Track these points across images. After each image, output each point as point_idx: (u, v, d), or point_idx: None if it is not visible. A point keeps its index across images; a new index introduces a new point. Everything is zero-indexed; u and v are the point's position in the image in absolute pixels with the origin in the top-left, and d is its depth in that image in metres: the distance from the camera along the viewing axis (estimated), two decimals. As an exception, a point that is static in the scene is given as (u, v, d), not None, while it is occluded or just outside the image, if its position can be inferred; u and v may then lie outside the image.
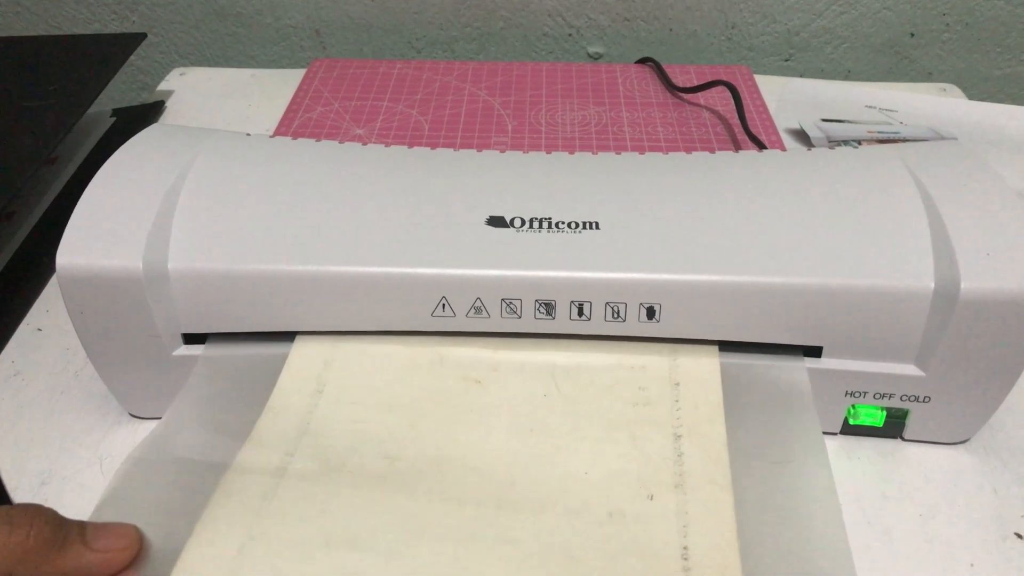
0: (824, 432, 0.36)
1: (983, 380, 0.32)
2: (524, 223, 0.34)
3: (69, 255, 0.32)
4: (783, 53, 0.73)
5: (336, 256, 0.33)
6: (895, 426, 0.35)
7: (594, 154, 0.39)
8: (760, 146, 0.53)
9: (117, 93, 0.79)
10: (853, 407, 0.35)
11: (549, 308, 0.33)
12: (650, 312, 0.32)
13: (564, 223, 0.34)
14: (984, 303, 0.30)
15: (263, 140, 0.39)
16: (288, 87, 0.63)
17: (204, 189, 0.35)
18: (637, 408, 0.32)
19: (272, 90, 0.64)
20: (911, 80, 0.74)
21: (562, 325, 0.33)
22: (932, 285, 0.31)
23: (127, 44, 0.59)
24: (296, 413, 0.32)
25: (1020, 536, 0.32)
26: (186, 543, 0.27)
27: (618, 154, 0.39)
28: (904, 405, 0.34)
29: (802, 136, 0.57)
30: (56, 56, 0.58)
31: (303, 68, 0.66)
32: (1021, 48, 0.72)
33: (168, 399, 0.35)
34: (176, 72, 0.68)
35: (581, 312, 0.33)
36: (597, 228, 0.33)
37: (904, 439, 0.36)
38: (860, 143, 0.54)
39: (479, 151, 0.39)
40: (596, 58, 0.75)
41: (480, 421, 0.32)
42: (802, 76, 0.74)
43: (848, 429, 0.36)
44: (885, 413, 0.35)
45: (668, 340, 0.33)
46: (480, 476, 0.30)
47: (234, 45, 0.76)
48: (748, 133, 0.55)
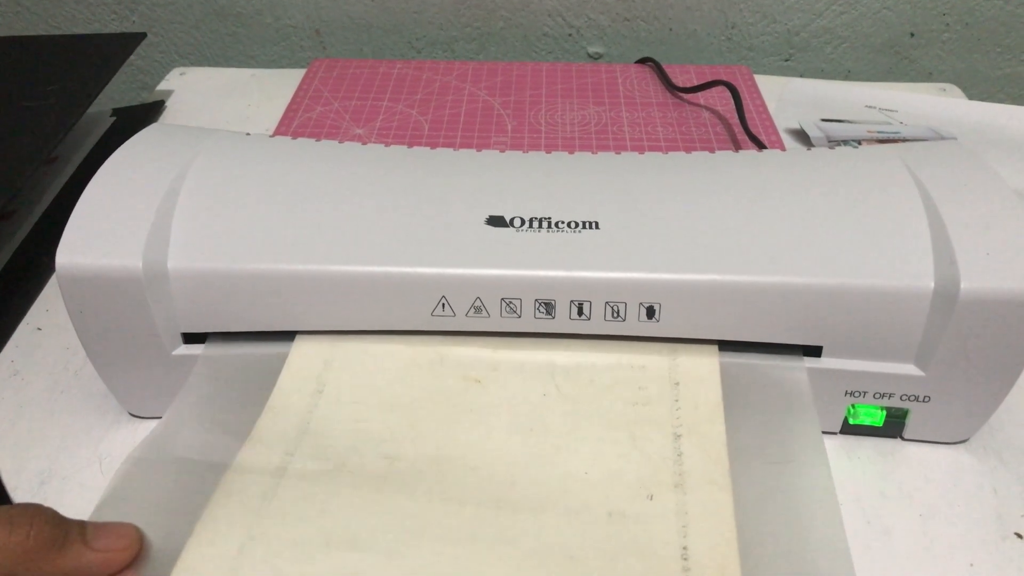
0: (824, 432, 0.36)
1: (983, 380, 0.32)
2: (524, 223, 0.34)
3: (69, 254, 0.32)
4: (783, 53, 0.73)
5: (336, 256, 0.33)
6: (895, 426, 0.35)
7: (594, 154, 0.39)
8: (760, 146, 0.53)
9: (117, 93, 0.79)
10: (853, 407, 0.35)
11: (549, 308, 0.33)
12: (650, 312, 0.32)
13: (564, 223, 0.34)
14: (984, 303, 0.30)
15: (263, 140, 0.39)
16: (288, 87, 0.63)
17: (204, 189, 0.35)
18: (637, 408, 0.32)
19: (272, 90, 0.64)
20: (911, 80, 0.74)
21: (562, 325, 0.33)
22: (932, 285, 0.31)
23: (127, 44, 0.59)
24: (296, 413, 0.32)
25: (1020, 536, 0.32)
26: (186, 543, 0.27)
27: (618, 154, 0.39)
28: (904, 405, 0.34)
29: (802, 136, 0.57)
30: (56, 56, 0.58)
31: (303, 68, 0.66)
32: (1021, 48, 0.72)
33: (168, 398, 0.35)
34: (176, 72, 0.68)
35: (581, 312, 0.33)
36: (597, 228, 0.33)
37: (904, 439, 0.36)
38: (860, 143, 0.54)
39: (479, 151, 0.39)
40: (596, 58, 0.75)
41: (480, 421, 0.32)
42: (802, 76, 0.74)
43: (848, 429, 0.36)
44: (885, 413, 0.35)
45: (668, 340, 0.33)
46: (480, 476, 0.30)
47: (234, 45, 0.76)
48: (748, 133, 0.55)
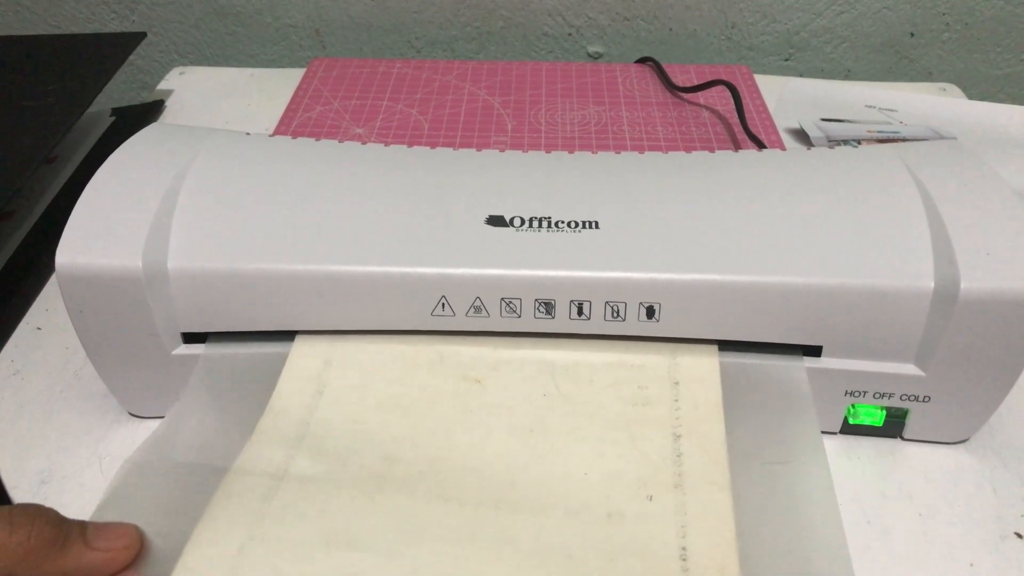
0: (824, 432, 0.36)
1: (983, 380, 0.32)
2: (524, 222, 0.34)
3: (69, 254, 0.32)
4: (783, 53, 0.73)
5: (336, 255, 0.33)
6: (895, 426, 0.35)
7: (594, 153, 0.39)
8: (760, 145, 0.53)
9: (117, 92, 0.79)
10: (853, 406, 0.35)
11: (549, 307, 0.33)
12: (650, 311, 0.32)
13: (564, 222, 0.34)
14: (984, 303, 0.30)
15: (263, 139, 0.39)
16: (288, 86, 0.63)
17: (204, 188, 0.35)
18: (636, 408, 0.32)
19: (272, 89, 0.64)
20: (911, 80, 0.74)
21: (562, 324, 0.33)
22: (932, 285, 0.31)
23: (127, 43, 0.59)
24: (296, 414, 0.32)
25: (1020, 536, 0.32)
26: (186, 543, 0.27)
27: (618, 153, 0.39)
28: (904, 405, 0.34)
29: (802, 136, 0.57)
30: (56, 55, 0.58)
31: (303, 67, 0.66)
32: (1021, 48, 0.72)
33: (168, 398, 0.35)
34: (176, 71, 0.68)
35: (581, 311, 0.33)
36: (597, 227, 0.33)
37: (904, 439, 0.36)
38: (860, 143, 0.54)
39: (479, 150, 0.39)
40: (596, 58, 0.75)
41: (480, 421, 0.32)
42: (802, 76, 0.74)
43: (848, 429, 0.36)
44: (885, 413, 0.35)
45: (668, 339, 0.33)
46: (480, 476, 0.30)
47: (234, 44, 0.76)
48: (748, 133, 0.54)
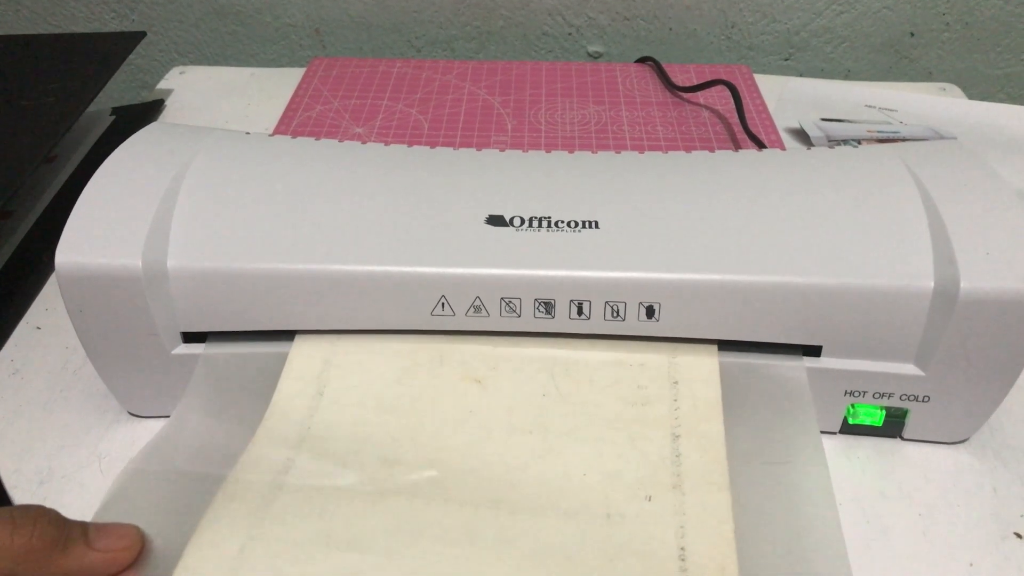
0: (823, 431, 0.36)
1: (982, 380, 0.32)
2: (524, 222, 0.34)
3: (68, 253, 0.32)
4: (783, 52, 0.73)
5: (335, 255, 0.33)
6: (894, 425, 0.35)
7: (594, 153, 0.39)
8: (760, 145, 0.53)
9: (116, 92, 0.79)
10: (852, 406, 0.35)
11: (549, 307, 0.33)
12: (649, 311, 0.32)
13: (564, 222, 0.34)
14: (984, 303, 0.30)
15: (262, 139, 0.39)
16: (288, 86, 0.63)
17: (203, 188, 0.35)
18: (636, 408, 0.32)
19: (272, 89, 0.64)
20: (911, 80, 0.74)
21: (562, 324, 0.33)
22: (932, 285, 0.31)
23: (126, 43, 0.59)
24: (297, 415, 0.32)
25: (1020, 536, 0.32)
26: (187, 544, 0.27)
27: (618, 153, 0.39)
28: (903, 404, 0.34)
29: (802, 135, 0.57)
30: (55, 55, 0.58)
31: (303, 67, 0.66)
32: (1021, 48, 0.72)
33: (167, 398, 0.35)
34: (176, 71, 0.68)
35: (580, 311, 0.33)
36: (597, 227, 0.33)
37: (903, 439, 0.36)
38: (860, 142, 0.54)
39: (479, 150, 0.39)
40: (596, 57, 0.75)
41: (479, 422, 0.32)
42: (802, 75, 0.74)
43: (847, 428, 0.36)
44: (884, 412, 0.35)
45: (667, 339, 0.33)
46: (479, 477, 0.30)
47: (234, 44, 0.76)
48: (748, 132, 0.54)
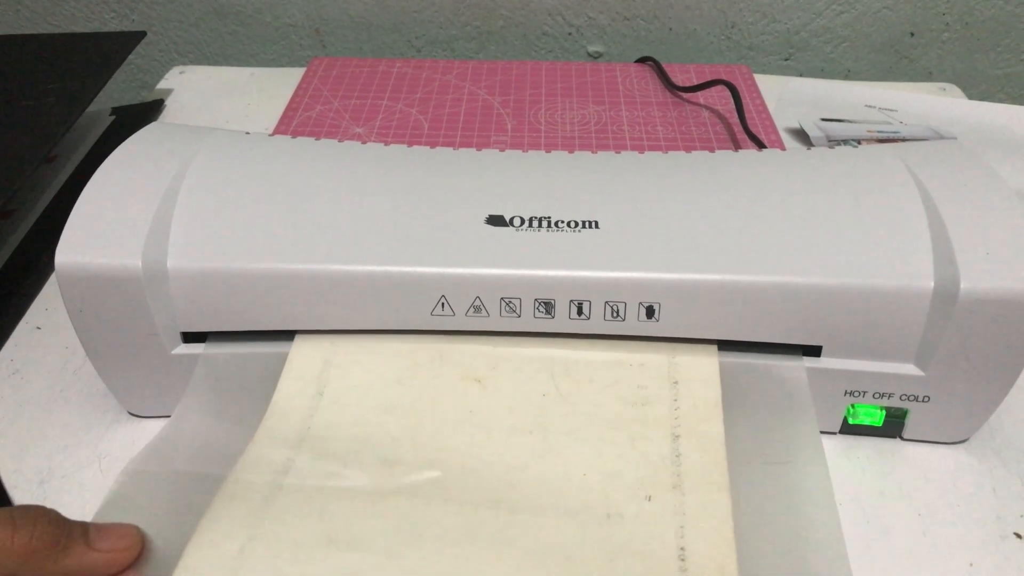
0: (823, 431, 0.36)
1: (982, 380, 0.32)
2: (523, 222, 0.34)
3: (68, 253, 0.32)
4: (783, 52, 0.73)
5: (335, 255, 0.33)
6: (894, 426, 0.35)
7: (593, 153, 0.39)
8: (760, 145, 0.53)
9: (116, 91, 0.79)
10: (852, 406, 0.35)
11: (548, 307, 0.33)
12: (649, 311, 0.32)
13: (563, 222, 0.34)
14: (983, 303, 0.30)
15: (262, 139, 0.39)
16: (288, 86, 0.63)
17: (203, 187, 0.35)
18: (636, 408, 0.32)
19: (271, 89, 0.64)
20: (911, 80, 0.74)
21: (562, 324, 0.33)
22: (932, 285, 0.31)
23: (126, 42, 0.59)
24: (297, 415, 0.32)
25: (1019, 536, 0.32)
26: (187, 544, 0.27)
27: (618, 153, 0.39)
28: (903, 405, 0.34)
29: (802, 135, 0.57)
30: (55, 54, 0.58)
31: (303, 67, 0.66)
32: (1021, 48, 0.72)
33: (167, 397, 0.35)
34: (175, 70, 0.68)
35: (580, 311, 0.33)
36: (596, 227, 0.33)
37: (903, 439, 0.36)
38: (860, 142, 0.54)
39: (479, 150, 0.39)
40: (596, 57, 0.75)
41: (479, 422, 0.32)
42: (802, 75, 0.74)
43: (847, 428, 0.36)
44: (884, 413, 0.35)
45: (667, 339, 0.33)
46: (479, 477, 0.30)
47: (234, 43, 0.76)
48: (748, 132, 0.54)
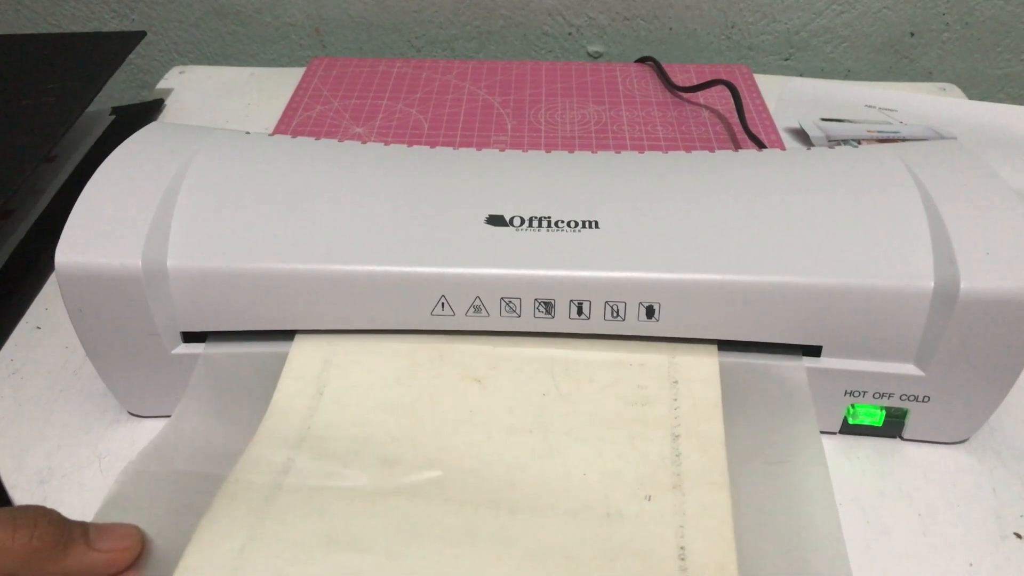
0: (823, 431, 0.36)
1: (982, 380, 0.32)
2: (523, 222, 0.34)
3: (68, 253, 0.32)
4: (783, 52, 0.73)
5: (335, 255, 0.33)
6: (894, 426, 0.35)
7: (594, 153, 0.39)
8: (760, 145, 0.53)
9: (116, 91, 0.79)
10: (852, 406, 0.35)
11: (548, 307, 0.33)
12: (649, 311, 0.32)
13: (563, 222, 0.34)
14: (984, 303, 0.30)
15: (262, 138, 0.39)
16: (287, 85, 0.63)
17: (203, 187, 0.35)
18: (635, 407, 0.32)
19: (271, 88, 0.64)
20: (911, 80, 0.74)
21: (562, 324, 0.33)
22: (932, 285, 0.31)
23: (126, 42, 0.59)
24: (297, 415, 0.32)
25: (1019, 536, 0.32)
26: (188, 544, 0.27)
27: (618, 153, 0.39)
28: (903, 405, 0.34)
29: (802, 135, 0.57)
30: (55, 54, 0.58)
31: (303, 66, 0.66)
32: (1021, 48, 0.72)
33: (167, 397, 0.35)
34: (175, 70, 0.68)
35: (580, 311, 0.33)
36: (596, 227, 0.33)
37: (903, 439, 0.36)
38: (860, 142, 0.54)
39: (479, 150, 0.39)
40: (596, 57, 0.75)
41: (479, 421, 0.32)
42: (802, 75, 0.74)
43: (847, 428, 0.36)
44: (884, 412, 0.35)
45: (667, 339, 0.33)
46: (479, 477, 0.30)
47: (233, 43, 0.76)
48: (748, 132, 0.54)
